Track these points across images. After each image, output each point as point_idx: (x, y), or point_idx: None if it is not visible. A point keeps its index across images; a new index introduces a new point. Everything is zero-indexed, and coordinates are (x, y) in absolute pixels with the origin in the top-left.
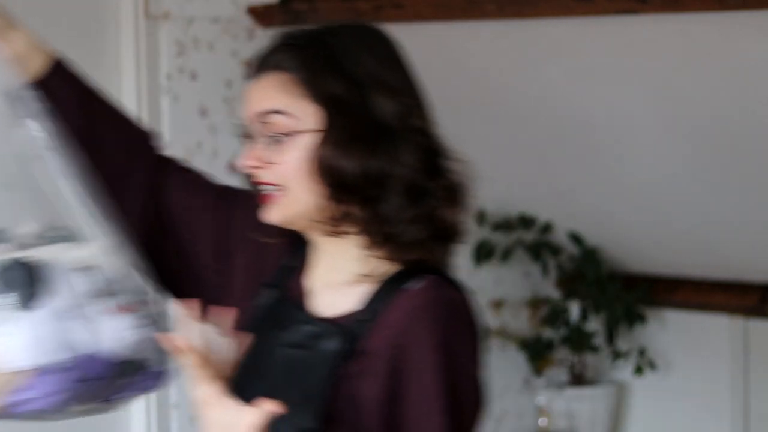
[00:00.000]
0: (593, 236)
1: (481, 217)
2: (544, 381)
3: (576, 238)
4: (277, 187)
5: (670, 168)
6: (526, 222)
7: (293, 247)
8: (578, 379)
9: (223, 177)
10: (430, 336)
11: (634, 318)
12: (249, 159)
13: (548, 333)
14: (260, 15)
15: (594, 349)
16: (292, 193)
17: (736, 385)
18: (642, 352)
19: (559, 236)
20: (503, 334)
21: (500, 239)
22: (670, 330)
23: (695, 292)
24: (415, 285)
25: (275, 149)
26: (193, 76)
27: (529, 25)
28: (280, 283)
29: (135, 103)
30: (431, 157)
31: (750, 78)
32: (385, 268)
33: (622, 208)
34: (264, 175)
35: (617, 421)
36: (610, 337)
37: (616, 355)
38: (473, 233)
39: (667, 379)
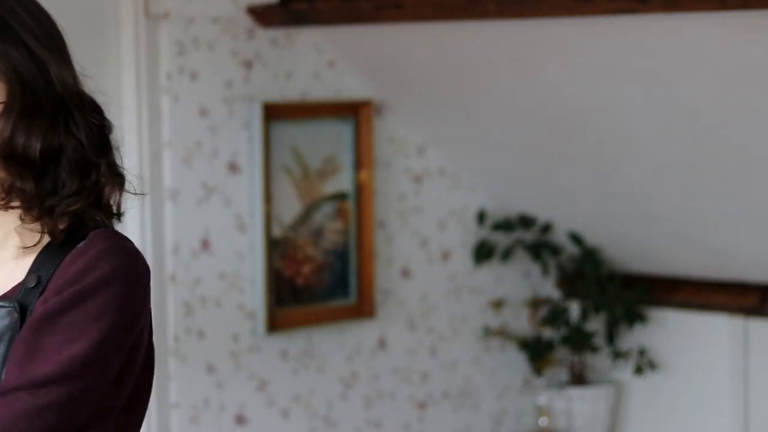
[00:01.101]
0: (593, 236)
1: (481, 217)
2: (544, 381)
3: (576, 238)
4: None
5: (670, 168)
6: (526, 222)
7: None
8: (578, 379)
9: (224, 177)
10: (94, 274)
11: (634, 318)
12: None
13: (548, 333)
14: (260, 15)
15: (594, 349)
16: None
17: (736, 385)
18: (642, 352)
19: (559, 236)
20: (503, 334)
21: (500, 239)
22: (670, 330)
23: (695, 292)
24: (82, 242)
25: None
26: (193, 76)
27: (529, 25)
28: None
29: (135, 103)
30: (101, 132)
31: (750, 78)
32: (43, 237)
33: (622, 208)
34: None
35: (617, 421)
36: (610, 337)
37: (616, 355)
38: (473, 233)
39: (667, 379)
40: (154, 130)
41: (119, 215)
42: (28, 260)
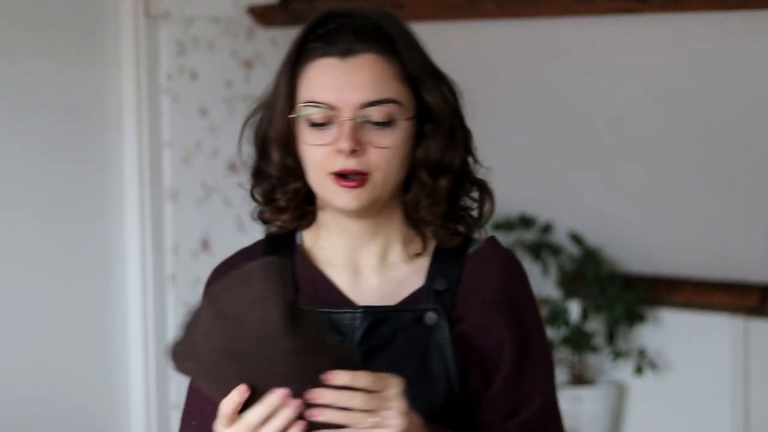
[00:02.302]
0: (593, 236)
1: None
2: None
3: (576, 238)
4: (363, 172)
5: (670, 168)
6: (526, 222)
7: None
8: (578, 379)
9: (224, 177)
10: (523, 283)
11: (634, 318)
12: (351, 143)
13: (548, 333)
14: (260, 15)
15: (594, 349)
16: (380, 178)
17: (736, 385)
18: (642, 352)
19: (560, 236)
20: None
21: (500, 239)
22: (671, 330)
23: (695, 292)
24: (477, 247)
25: (375, 134)
26: (193, 76)
27: (529, 25)
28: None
29: (135, 103)
30: (471, 146)
31: (750, 78)
32: (428, 244)
33: (622, 208)
34: (355, 161)
35: (617, 421)
36: (610, 337)
37: (616, 355)
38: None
39: (667, 379)
40: (154, 130)
41: (484, 222)
42: (418, 266)
